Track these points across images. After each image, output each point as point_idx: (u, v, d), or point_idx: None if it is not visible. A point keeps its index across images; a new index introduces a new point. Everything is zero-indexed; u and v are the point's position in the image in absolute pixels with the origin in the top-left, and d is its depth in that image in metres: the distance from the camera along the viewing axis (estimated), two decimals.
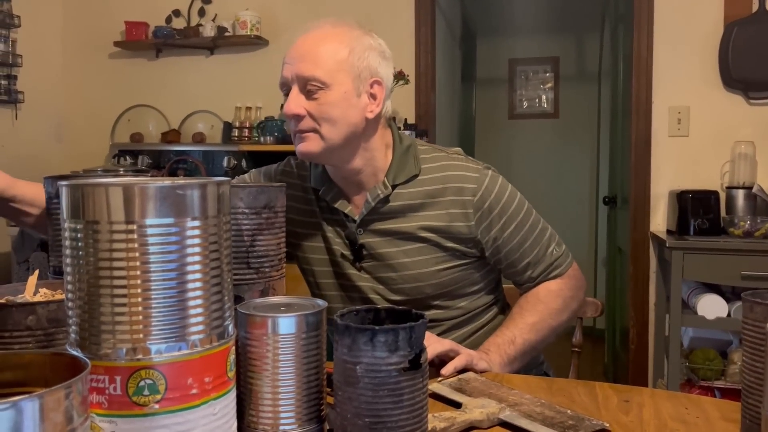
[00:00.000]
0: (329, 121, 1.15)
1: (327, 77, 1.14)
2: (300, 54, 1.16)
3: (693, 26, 2.82)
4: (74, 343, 0.60)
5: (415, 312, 0.75)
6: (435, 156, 1.27)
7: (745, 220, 2.52)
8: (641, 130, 2.90)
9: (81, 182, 0.59)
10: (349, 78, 1.15)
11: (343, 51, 1.16)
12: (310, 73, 1.13)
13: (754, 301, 0.80)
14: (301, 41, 1.18)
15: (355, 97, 1.16)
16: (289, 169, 1.35)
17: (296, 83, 1.15)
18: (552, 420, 0.87)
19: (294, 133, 1.19)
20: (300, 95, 1.15)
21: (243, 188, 0.92)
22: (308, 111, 1.15)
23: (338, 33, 1.19)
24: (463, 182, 1.23)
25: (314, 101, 1.14)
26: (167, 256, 0.58)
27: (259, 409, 0.72)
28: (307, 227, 1.29)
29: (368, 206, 1.23)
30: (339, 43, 1.17)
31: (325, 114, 1.14)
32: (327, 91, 1.14)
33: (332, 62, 1.14)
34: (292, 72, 1.15)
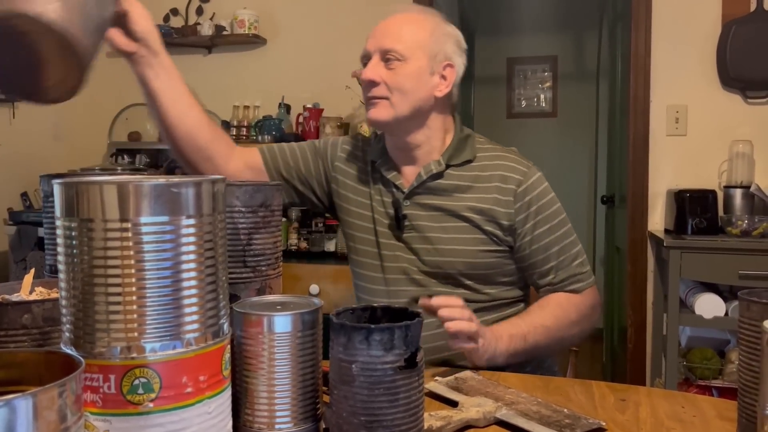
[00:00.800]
0: (401, 91, 1.25)
1: (405, 51, 1.25)
2: (384, 30, 1.28)
3: (691, 25, 2.82)
4: (68, 342, 0.60)
5: (411, 311, 0.75)
6: (491, 147, 1.36)
7: (742, 219, 2.52)
8: (639, 129, 2.89)
9: (75, 180, 0.59)
10: (426, 56, 1.26)
11: (424, 32, 1.28)
12: (390, 45, 1.25)
13: (750, 300, 0.80)
14: (388, 20, 1.31)
15: (427, 74, 1.27)
16: (354, 142, 1.44)
17: (377, 54, 1.26)
18: (548, 419, 0.87)
19: (367, 100, 1.29)
20: (379, 64, 1.26)
21: (239, 186, 0.92)
22: (384, 79, 1.25)
23: (422, 18, 1.31)
24: (511, 172, 1.30)
25: (391, 71, 1.25)
26: (162, 255, 0.58)
27: (254, 407, 0.72)
28: (359, 195, 1.37)
29: (419, 179, 1.30)
30: (421, 25, 1.29)
31: (398, 84, 1.24)
32: (403, 63, 1.24)
33: (412, 39, 1.26)
34: (375, 44, 1.27)
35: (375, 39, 1.27)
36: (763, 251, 2.38)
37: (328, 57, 3.22)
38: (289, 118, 3.18)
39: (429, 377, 1.00)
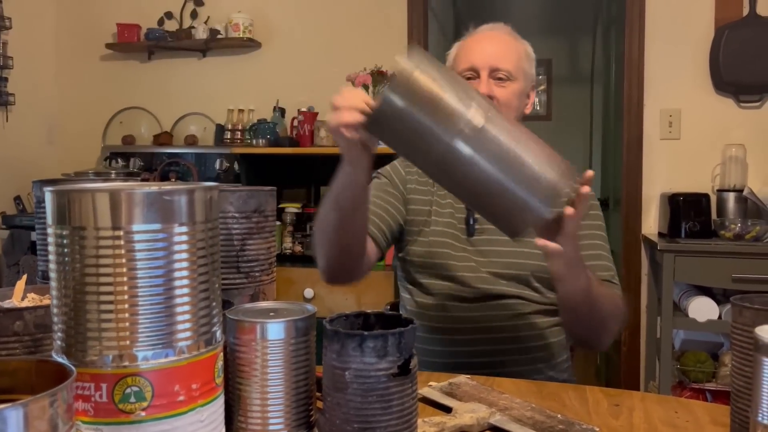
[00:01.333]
0: (508, 107, 1.32)
1: (514, 71, 1.33)
2: (491, 48, 1.35)
3: (684, 29, 2.84)
4: (60, 350, 0.60)
5: (405, 317, 0.75)
6: None
7: (735, 222, 2.53)
8: (633, 132, 2.90)
9: (67, 188, 0.58)
10: (524, 77, 1.36)
11: (521, 54, 1.37)
12: (503, 64, 1.32)
13: (742, 305, 0.80)
14: (490, 38, 1.38)
15: (524, 95, 1.38)
16: None
17: (486, 70, 1.31)
18: (542, 425, 0.87)
19: None
20: (490, 80, 1.31)
21: (233, 192, 0.91)
22: (496, 95, 1.30)
23: (515, 40, 1.39)
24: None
25: (502, 88, 1.32)
26: (154, 263, 0.58)
27: (248, 415, 0.72)
28: (424, 204, 1.40)
29: None
30: (517, 47, 1.38)
31: (507, 100, 1.32)
32: (512, 82, 1.33)
33: (516, 60, 1.35)
34: (484, 61, 1.32)
35: (483, 55, 1.32)
36: (756, 254, 2.39)
37: (322, 60, 3.22)
38: (284, 121, 3.18)
39: (423, 383, 0.99)
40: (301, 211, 3.02)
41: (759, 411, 0.62)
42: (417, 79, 0.91)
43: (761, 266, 2.37)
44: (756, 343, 0.63)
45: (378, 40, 3.15)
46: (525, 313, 1.32)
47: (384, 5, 3.16)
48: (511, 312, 1.31)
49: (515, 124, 0.97)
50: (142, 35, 3.38)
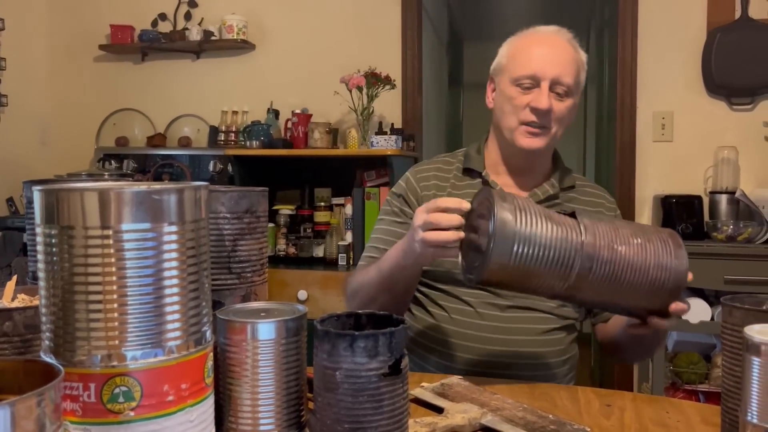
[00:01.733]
0: (561, 123, 1.29)
1: (574, 85, 1.28)
2: (555, 59, 1.27)
3: (677, 32, 2.85)
4: (48, 350, 0.59)
5: (396, 317, 0.75)
6: (578, 176, 1.42)
7: (728, 224, 2.54)
8: (626, 134, 2.91)
9: (55, 187, 0.58)
10: (578, 92, 1.31)
11: (581, 66, 1.31)
12: (565, 79, 1.25)
13: (732, 305, 0.81)
14: (554, 43, 1.29)
15: (575, 108, 1.32)
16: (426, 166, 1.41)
17: (547, 81, 1.25)
18: (534, 425, 0.88)
19: (526, 124, 1.27)
20: (550, 93, 1.25)
21: (224, 192, 0.91)
22: (554, 109, 1.26)
23: (575, 48, 1.32)
24: (609, 204, 1.39)
25: (561, 102, 1.27)
26: (143, 262, 0.58)
27: (238, 415, 0.71)
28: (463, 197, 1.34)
29: (536, 197, 1.31)
30: (578, 59, 1.31)
31: (563, 116, 1.28)
32: (570, 98, 1.28)
33: (576, 73, 1.29)
34: (547, 72, 1.25)
35: (545, 65, 1.25)
36: (748, 256, 2.40)
37: (316, 62, 3.22)
38: (278, 123, 3.18)
39: (415, 384, 0.99)
40: (295, 213, 3.01)
41: (748, 410, 0.62)
42: (514, 255, 0.94)
43: (753, 268, 2.38)
44: (745, 343, 0.63)
45: (372, 42, 3.15)
46: (551, 328, 1.28)
47: (378, 7, 3.16)
48: (538, 326, 1.27)
49: (617, 234, 0.97)
50: (135, 36, 3.38)
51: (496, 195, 0.96)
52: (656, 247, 0.97)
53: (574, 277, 0.95)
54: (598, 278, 0.95)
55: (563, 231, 0.95)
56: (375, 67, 2.92)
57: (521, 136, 1.27)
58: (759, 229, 2.50)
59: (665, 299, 0.99)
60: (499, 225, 0.92)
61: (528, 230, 0.93)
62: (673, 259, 0.97)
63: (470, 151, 1.39)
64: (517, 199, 0.96)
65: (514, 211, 0.94)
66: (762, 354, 0.60)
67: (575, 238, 0.95)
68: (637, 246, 0.96)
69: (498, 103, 1.33)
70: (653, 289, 0.97)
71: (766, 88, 2.75)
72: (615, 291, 0.97)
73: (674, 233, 1.02)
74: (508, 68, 1.30)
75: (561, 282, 0.96)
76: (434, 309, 1.31)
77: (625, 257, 0.95)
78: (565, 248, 0.94)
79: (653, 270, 0.96)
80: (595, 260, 0.94)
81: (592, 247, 0.94)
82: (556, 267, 0.94)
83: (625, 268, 0.96)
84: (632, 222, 1.04)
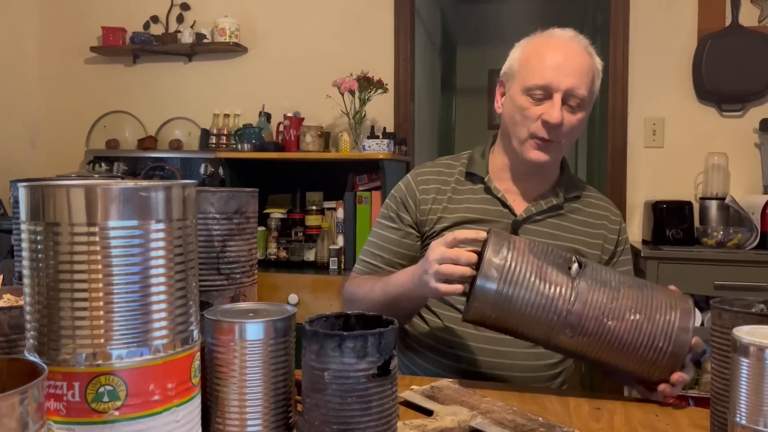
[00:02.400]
0: (571, 137, 1.25)
1: (588, 97, 1.23)
2: (570, 68, 1.20)
3: (668, 39, 2.87)
4: (32, 349, 0.58)
5: (385, 318, 0.74)
6: (586, 185, 1.39)
7: (718, 230, 2.55)
8: (617, 140, 2.93)
9: (41, 183, 0.57)
10: (591, 102, 1.26)
11: (597, 75, 1.26)
12: (579, 91, 1.20)
13: (721, 308, 0.81)
14: (568, 54, 1.22)
15: (586, 119, 1.27)
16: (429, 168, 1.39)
17: (561, 93, 1.20)
18: (523, 427, 0.87)
19: (536, 138, 1.23)
20: (563, 107, 1.20)
21: (214, 193, 0.90)
22: (565, 122, 1.21)
23: (591, 55, 1.25)
24: (613, 216, 1.36)
25: (573, 115, 1.22)
26: (130, 260, 0.57)
27: (225, 416, 0.71)
28: (468, 202, 1.32)
29: (539, 207, 1.30)
30: (594, 67, 1.25)
31: (574, 129, 1.23)
32: (583, 110, 1.23)
33: (591, 84, 1.23)
34: (562, 82, 1.19)
35: (560, 75, 1.19)
36: (738, 262, 2.41)
37: (308, 66, 3.22)
38: (270, 126, 3.17)
39: (405, 387, 0.99)
40: (286, 217, 3.01)
41: (737, 411, 0.62)
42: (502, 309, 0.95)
43: (743, 273, 2.39)
44: (733, 344, 0.63)
45: (365, 46, 3.16)
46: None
47: (371, 11, 3.16)
48: None
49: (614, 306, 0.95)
50: (127, 39, 3.37)
51: (490, 245, 0.96)
52: (654, 327, 0.95)
53: (557, 340, 0.96)
54: (581, 344, 0.95)
55: (550, 295, 0.94)
56: (367, 71, 2.92)
57: (530, 148, 1.24)
58: (749, 235, 2.51)
59: (657, 374, 0.97)
60: (481, 281, 0.94)
61: (511, 291, 0.94)
62: (672, 343, 0.94)
63: (475, 155, 1.36)
64: (514, 251, 0.95)
65: (501, 268, 0.94)
66: (750, 355, 0.60)
67: (561, 305, 0.94)
68: (631, 323, 0.94)
69: (508, 110, 1.27)
70: (642, 365, 0.96)
71: (756, 94, 2.77)
72: (600, 358, 0.97)
73: (689, 311, 0.97)
74: (520, 74, 1.24)
75: (544, 339, 0.97)
76: (428, 315, 1.30)
77: (613, 332, 0.94)
78: (548, 313, 0.94)
79: (644, 350, 0.95)
80: (578, 331, 0.94)
81: (578, 317, 0.94)
82: (538, 327, 0.95)
83: (612, 341, 0.94)
84: (648, 289, 0.98)
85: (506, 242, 0.97)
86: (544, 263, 0.96)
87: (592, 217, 1.33)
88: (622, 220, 1.37)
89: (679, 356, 0.95)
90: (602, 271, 1.00)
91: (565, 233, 1.29)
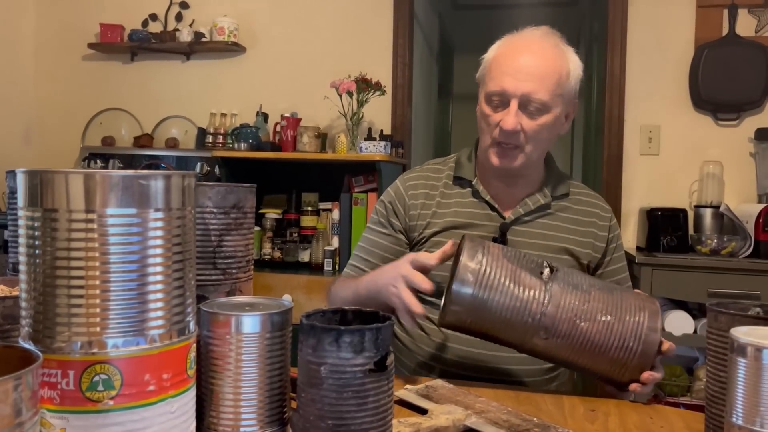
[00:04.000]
0: (537, 141, 1.21)
1: (550, 101, 1.18)
2: (527, 72, 1.18)
3: (665, 47, 2.88)
4: (27, 336, 0.58)
5: (382, 314, 0.74)
6: (575, 183, 1.37)
7: (712, 238, 2.56)
8: (613, 147, 2.94)
9: (40, 170, 0.57)
10: (563, 101, 1.21)
11: (565, 75, 1.21)
12: (537, 96, 1.17)
13: (718, 310, 0.81)
14: (527, 57, 1.20)
15: (561, 120, 1.24)
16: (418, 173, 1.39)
17: (517, 99, 1.18)
18: (518, 427, 0.87)
19: (496, 144, 1.23)
20: (518, 112, 1.18)
21: (211, 187, 0.90)
22: (523, 129, 1.19)
23: (560, 54, 1.22)
24: (603, 212, 1.34)
25: (532, 121, 1.19)
26: (128, 248, 0.57)
27: (219, 410, 0.70)
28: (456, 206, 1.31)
29: (526, 208, 1.29)
30: (562, 66, 1.21)
31: (537, 134, 1.20)
32: (545, 114, 1.19)
33: (556, 86, 1.19)
34: (517, 88, 1.17)
35: (517, 81, 1.17)
36: (732, 270, 2.42)
37: (306, 66, 3.22)
38: (267, 126, 3.17)
39: (399, 386, 0.99)
40: (282, 217, 3.00)
41: (733, 412, 0.62)
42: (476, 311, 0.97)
43: (736, 281, 2.40)
44: (731, 344, 0.63)
45: (363, 47, 3.16)
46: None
47: (370, 13, 3.17)
48: None
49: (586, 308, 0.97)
50: (125, 36, 3.36)
51: (465, 251, 0.98)
52: (625, 328, 0.97)
53: (532, 343, 0.98)
54: (555, 346, 0.97)
55: (524, 298, 0.96)
56: (365, 72, 2.92)
57: (493, 155, 1.24)
58: (742, 243, 2.52)
59: (628, 375, 1.00)
60: (456, 284, 0.96)
61: (486, 295, 0.95)
62: (641, 343, 0.97)
63: (461, 158, 1.36)
64: (489, 256, 0.97)
65: (476, 272, 0.96)
66: (748, 355, 0.60)
67: (535, 308, 0.96)
68: (602, 324, 0.97)
69: (477, 117, 1.29)
70: (614, 366, 0.99)
71: (751, 104, 2.79)
72: (573, 360, 0.99)
73: (656, 312, 0.99)
74: (485, 80, 1.25)
75: (519, 342, 0.99)
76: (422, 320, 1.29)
77: (585, 333, 0.96)
78: (522, 316, 0.96)
79: (615, 350, 0.97)
80: (552, 332, 0.96)
81: (551, 319, 0.96)
82: (513, 330, 0.97)
83: (584, 342, 0.97)
84: (617, 293, 1.01)
85: (480, 248, 0.99)
86: (517, 268, 0.98)
87: (582, 215, 1.32)
88: (612, 216, 1.36)
89: (648, 355, 0.97)
90: (573, 274, 1.02)
91: (554, 233, 1.29)
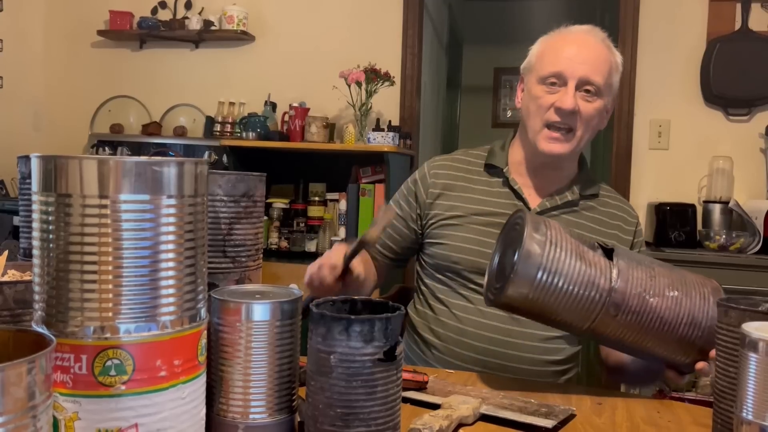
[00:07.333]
0: (587, 125, 1.24)
1: (603, 86, 1.23)
2: (585, 57, 1.22)
3: (677, 42, 2.86)
4: (40, 321, 0.58)
5: (392, 304, 0.74)
6: (605, 186, 1.39)
7: (720, 234, 2.55)
8: (622, 141, 2.92)
9: (54, 155, 0.57)
10: (609, 94, 1.26)
11: (614, 66, 1.26)
12: (594, 78, 1.21)
13: (728, 305, 0.80)
14: (581, 45, 1.24)
15: (605, 111, 1.27)
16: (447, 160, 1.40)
17: (574, 80, 1.21)
18: (525, 409, 0.87)
19: (548, 127, 1.24)
20: (577, 93, 1.21)
21: (222, 175, 0.90)
22: (581, 109, 1.22)
23: (609, 47, 1.27)
24: (630, 216, 1.35)
25: (588, 103, 1.22)
26: (141, 234, 0.57)
27: (229, 396, 0.71)
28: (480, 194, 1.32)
29: (553, 203, 1.30)
30: (610, 58, 1.26)
31: (591, 118, 1.23)
32: (597, 99, 1.23)
33: (608, 74, 1.24)
34: (575, 70, 1.21)
35: (574, 64, 1.21)
36: (740, 266, 2.41)
37: (315, 56, 3.21)
38: (275, 116, 3.16)
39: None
40: (289, 207, 3.00)
41: (743, 407, 0.62)
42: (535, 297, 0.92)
43: (744, 278, 2.39)
44: (742, 339, 0.63)
45: (372, 37, 3.15)
46: (553, 336, 1.26)
47: (379, 3, 3.15)
48: (540, 332, 1.24)
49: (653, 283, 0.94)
50: (134, 23, 3.36)
51: (529, 222, 0.93)
52: (693, 303, 0.94)
53: (597, 321, 0.92)
54: (622, 325, 0.92)
55: (592, 273, 0.91)
56: (375, 63, 2.91)
57: (544, 140, 1.24)
58: (751, 239, 2.51)
59: (693, 355, 0.96)
60: (523, 257, 0.90)
61: (554, 267, 0.90)
62: (708, 318, 0.94)
63: (495, 147, 1.38)
64: (552, 230, 0.93)
65: (543, 244, 0.90)
66: (760, 350, 0.60)
67: (603, 283, 0.91)
68: (671, 299, 0.93)
69: (525, 102, 1.30)
70: (681, 344, 0.95)
71: (763, 99, 2.77)
72: (639, 340, 0.94)
73: (718, 288, 0.97)
74: (536, 67, 1.27)
75: (582, 322, 0.93)
76: (434, 303, 1.30)
77: (655, 309, 0.92)
78: (591, 291, 0.91)
79: (684, 327, 0.93)
80: (622, 309, 0.91)
81: (621, 294, 0.91)
82: (579, 308, 0.91)
83: (654, 320, 0.93)
84: (676, 269, 0.98)
85: (542, 222, 0.94)
86: (579, 242, 0.94)
87: (607, 217, 1.32)
88: (638, 222, 1.37)
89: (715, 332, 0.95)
90: (631, 251, 0.99)
91: (578, 230, 1.28)
